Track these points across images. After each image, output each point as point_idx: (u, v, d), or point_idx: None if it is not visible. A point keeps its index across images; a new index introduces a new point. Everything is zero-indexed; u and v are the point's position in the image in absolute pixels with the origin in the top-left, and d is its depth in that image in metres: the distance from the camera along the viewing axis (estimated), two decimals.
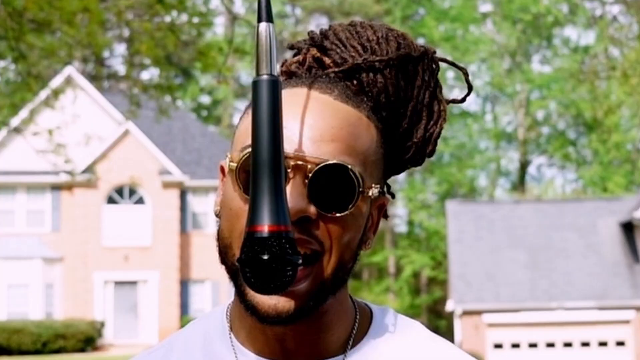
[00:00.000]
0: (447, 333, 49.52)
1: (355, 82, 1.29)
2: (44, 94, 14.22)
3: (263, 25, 1.15)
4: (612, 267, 38.97)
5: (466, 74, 1.39)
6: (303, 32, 58.00)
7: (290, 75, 1.33)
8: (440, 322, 53.66)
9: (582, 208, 42.13)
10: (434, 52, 1.35)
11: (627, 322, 37.83)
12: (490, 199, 52.99)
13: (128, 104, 16.89)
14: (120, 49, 56.39)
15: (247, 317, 1.26)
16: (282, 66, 1.37)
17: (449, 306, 38.79)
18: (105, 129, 37.87)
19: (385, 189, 1.33)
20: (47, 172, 36.55)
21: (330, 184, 1.20)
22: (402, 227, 59.38)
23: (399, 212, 59.56)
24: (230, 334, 1.33)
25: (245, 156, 1.20)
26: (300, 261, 1.12)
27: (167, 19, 11.77)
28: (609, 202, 43.07)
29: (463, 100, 1.42)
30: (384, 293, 54.23)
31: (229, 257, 1.24)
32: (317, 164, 1.19)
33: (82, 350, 35.35)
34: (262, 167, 1.11)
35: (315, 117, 1.22)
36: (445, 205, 45.28)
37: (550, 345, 37.99)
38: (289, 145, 1.18)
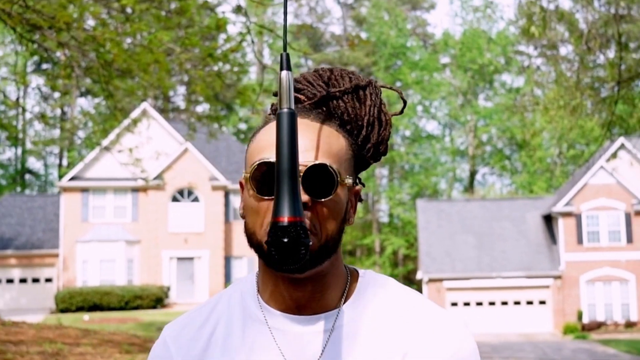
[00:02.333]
0: None
1: (324, 108, 1.35)
2: (126, 122, 14.23)
3: (284, 73, 1.19)
4: (536, 247, 38.91)
5: (400, 93, 1.44)
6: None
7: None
8: (412, 287, 53.38)
9: (515, 205, 42.09)
10: (376, 81, 1.40)
11: (547, 287, 37.76)
12: (449, 198, 52.86)
13: (187, 129, 16.92)
14: (181, 89, 56.48)
15: (269, 283, 1.32)
16: (272, 107, 1.42)
17: (419, 275, 38.75)
18: (170, 147, 37.91)
19: (357, 181, 1.38)
20: (128, 178, 36.60)
21: (317, 178, 1.25)
22: (384, 218, 59.26)
23: (382, 207, 59.50)
24: (257, 294, 1.36)
25: (254, 168, 1.27)
26: (311, 243, 1.15)
27: (215, 68, 11.75)
28: (534, 200, 43.01)
29: (401, 112, 1.45)
30: (371, 266, 54.07)
31: (254, 241, 1.29)
32: (307, 166, 1.24)
33: (153, 307, 35.35)
34: (283, 174, 1.13)
35: (300, 135, 1.23)
36: (416, 202, 45.17)
37: (492, 303, 37.94)
38: None
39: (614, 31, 15.17)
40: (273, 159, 1.23)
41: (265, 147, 1.29)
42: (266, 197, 1.25)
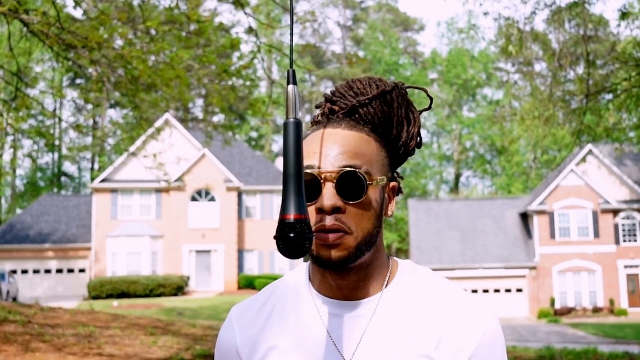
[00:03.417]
0: None
1: (356, 115, 1.34)
2: (150, 130, 14.24)
3: (290, 87, 1.18)
4: (514, 241, 38.87)
5: (426, 91, 1.43)
6: (316, 91, 57.96)
7: (317, 123, 1.38)
8: None
9: (495, 204, 42.04)
10: (402, 83, 1.39)
11: (523, 276, 37.72)
12: (436, 198, 52.85)
13: (204, 137, 16.89)
14: (200, 101, 56.49)
15: (317, 273, 1.34)
16: (313, 119, 1.42)
17: None
18: (189, 153, 37.93)
19: (394, 176, 1.39)
20: (152, 180, 36.63)
21: (348, 183, 1.25)
22: None
23: None
24: (309, 283, 1.38)
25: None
26: (314, 237, 1.15)
27: (230, 82, 11.75)
28: (512, 200, 42.96)
29: (429, 108, 1.45)
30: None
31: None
32: (338, 173, 1.25)
33: (175, 294, 35.34)
34: (289, 177, 1.14)
35: (332, 144, 1.27)
36: (408, 202, 45.16)
37: (474, 291, 37.85)
38: (323, 165, 1.26)
39: (582, 50, 15.16)
40: (311, 165, 1.27)
41: (305, 155, 1.27)
42: (308, 203, 1.24)
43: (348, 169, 1.25)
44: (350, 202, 1.25)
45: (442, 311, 1.32)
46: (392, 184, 1.37)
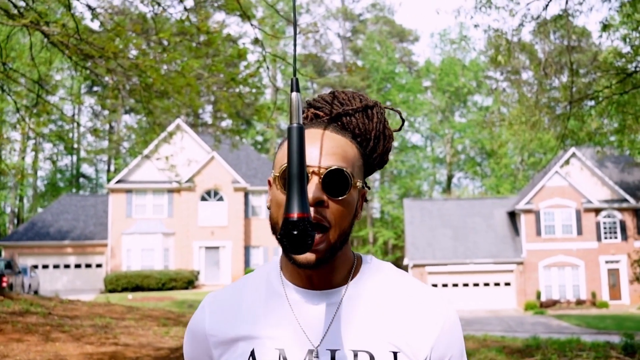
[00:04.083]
0: None
1: (339, 122, 1.35)
2: (162, 135, 14.23)
3: (294, 94, 1.18)
4: (502, 238, 38.84)
5: (400, 113, 1.42)
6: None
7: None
8: None
9: (485, 203, 42.00)
10: (381, 103, 1.41)
11: (511, 271, 37.68)
12: (430, 198, 52.80)
13: (213, 141, 16.89)
14: (209, 108, 56.50)
15: (290, 265, 1.33)
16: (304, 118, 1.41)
17: (405, 262, 38.67)
18: (199, 156, 37.92)
19: (364, 184, 1.38)
20: (164, 181, 36.65)
21: (334, 180, 1.25)
22: (377, 214, 59.20)
23: (375, 205, 59.43)
24: (280, 273, 1.37)
25: (283, 169, 1.26)
26: (316, 235, 1.18)
27: (237, 90, 11.75)
28: (500, 200, 42.92)
29: (400, 129, 1.45)
30: (366, 254, 54.10)
31: (277, 229, 1.27)
32: (326, 169, 1.25)
33: (186, 288, 35.33)
34: (293, 177, 1.13)
35: (320, 142, 1.28)
36: (403, 201, 45.13)
37: (466, 285, 37.86)
38: (310, 161, 1.25)
39: (566, 59, 15.16)
40: None
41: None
42: None
43: (336, 166, 1.26)
44: (333, 199, 1.25)
45: (404, 302, 1.33)
46: (364, 191, 1.38)
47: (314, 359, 1.27)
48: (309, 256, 1.23)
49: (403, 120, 1.45)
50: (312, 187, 1.24)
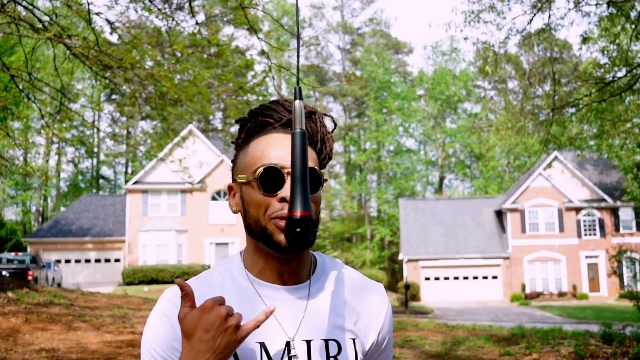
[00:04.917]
0: (399, 272, 49.28)
1: (289, 128, 1.32)
2: (176, 139, 14.25)
3: (297, 102, 1.17)
4: (490, 235, 38.81)
5: (332, 118, 1.42)
6: (319, 105, 57.90)
7: (252, 132, 1.35)
8: (395, 265, 53.37)
9: (474, 203, 41.98)
10: (319, 111, 1.38)
11: (498, 265, 37.66)
12: (423, 198, 52.74)
13: (223, 145, 16.92)
14: (219, 114, 56.52)
15: (259, 261, 1.32)
16: (246, 128, 1.37)
17: (400, 256, 38.65)
18: (210, 159, 37.92)
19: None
20: (178, 182, 36.64)
21: (310, 178, 1.25)
22: (374, 213, 59.14)
23: (372, 204, 59.37)
24: (245, 271, 1.34)
25: (260, 172, 1.25)
26: (317, 232, 1.15)
27: (245, 98, 11.76)
28: (488, 199, 42.90)
29: (332, 131, 1.42)
30: (364, 249, 53.99)
31: (258, 227, 1.26)
32: None
33: None
34: (296, 179, 1.12)
35: (288, 144, 1.26)
36: (398, 201, 45.11)
37: (456, 278, 37.85)
38: (285, 162, 1.26)
39: (549, 70, 15.15)
40: (276, 163, 1.25)
41: (263, 156, 1.28)
42: (271, 195, 1.24)
43: (310, 166, 1.26)
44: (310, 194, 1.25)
45: (357, 294, 1.38)
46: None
47: (292, 349, 1.26)
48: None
49: (335, 125, 1.42)
50: (289, 186, 1.22)
